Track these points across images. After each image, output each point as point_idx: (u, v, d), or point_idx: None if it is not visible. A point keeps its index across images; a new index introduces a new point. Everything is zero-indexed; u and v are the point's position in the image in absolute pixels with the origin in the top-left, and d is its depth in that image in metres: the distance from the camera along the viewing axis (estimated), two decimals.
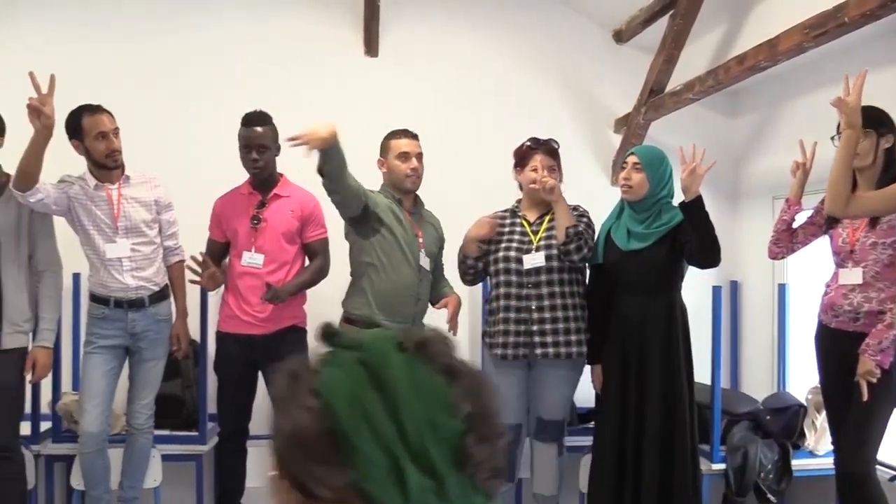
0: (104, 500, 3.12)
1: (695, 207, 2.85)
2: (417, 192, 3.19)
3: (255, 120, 3.11)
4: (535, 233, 3.10)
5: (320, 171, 2.78)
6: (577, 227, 2.98)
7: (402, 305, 3.04)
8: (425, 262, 3.09)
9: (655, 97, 3.76)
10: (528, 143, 3.14)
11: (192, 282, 3.13)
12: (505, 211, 3.23)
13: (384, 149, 3.11)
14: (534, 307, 3.03)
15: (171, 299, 3.19)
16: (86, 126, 2.96)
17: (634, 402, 2.98)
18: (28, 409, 3.17)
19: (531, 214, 3.16)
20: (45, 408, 3.37)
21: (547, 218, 3.11)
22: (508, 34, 4.09)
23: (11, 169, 2.90)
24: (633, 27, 4.02)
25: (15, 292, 2.94)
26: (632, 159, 3.03)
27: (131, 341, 3.07)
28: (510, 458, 3.14)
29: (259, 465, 3.39)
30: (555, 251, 3.02)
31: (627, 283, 3.02)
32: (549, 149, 3.11)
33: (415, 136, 3.11)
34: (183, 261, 3.19)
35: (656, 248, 2.98)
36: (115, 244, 3.01)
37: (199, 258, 3.06)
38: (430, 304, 3.20)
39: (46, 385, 3.32)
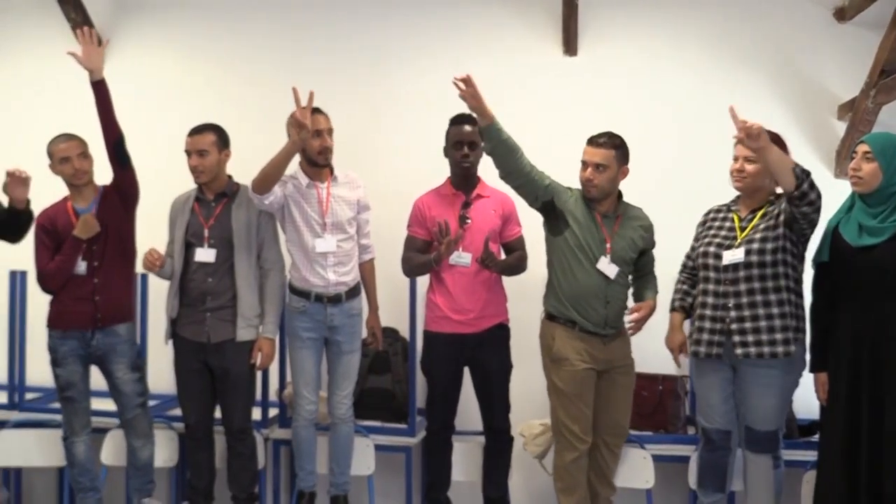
0: (312, 477, 3.34)
1: None
2: (621, 192, 3.13)
3: (466, 119, 3.22)
4: (744, 229, 2.93)
5: (488, 152, 2.91)
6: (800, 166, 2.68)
7: (590, 307, 3.01)
8: (609, 268, 3.01)
9: (887, 78, 3.41)
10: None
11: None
12: (723, 205, 3.09)
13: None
14: (731, 304, 2.87)
15: (362, 294, 3.35)
16: None
17: (868, 416, 2.69)
18: (258, 396, 3.48)
19: (744, 210, 2.99)
20: (272, 396, 3.69)
21: (759, 213, 2.92)
22: (714, 24, 3.88)
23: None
24: (856, 3, 3.66)
25: (247, 290, 3.24)
26: (861, 148, 2.76)
27: (329, 334, 3.25)
28: (720, 466, 3.01)
29: (464, 461, 3.50)
30: (756, 245, 2.83)
31: (858, 284, 2.74)
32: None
33: (600, 144, 3.00)
34: (373, 258, 3.37)
35: (893, 244, 2.69)
36: (322, 239, 3.19)
37: (443, 225, 3.14)
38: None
39: (274, 375, 3.64)
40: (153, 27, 4.23)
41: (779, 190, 2.85)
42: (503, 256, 3.38)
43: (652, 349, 3.29)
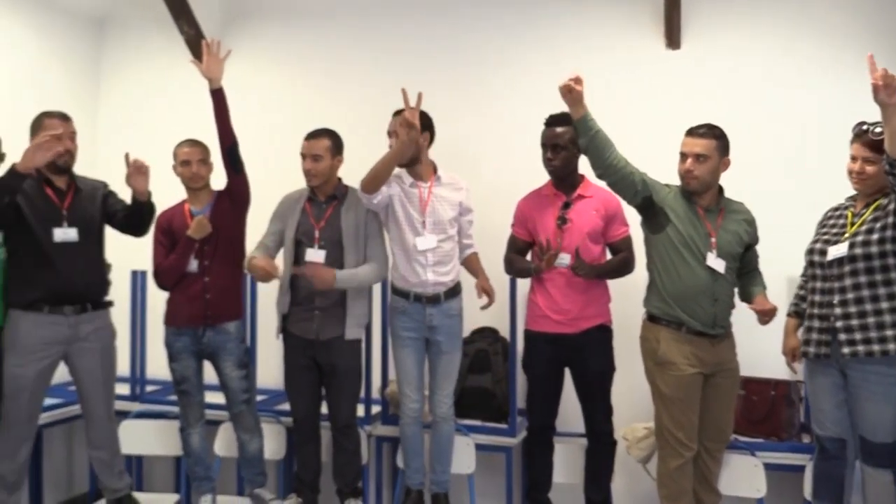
0: (420, 474, 3.38)
1: None
2: (721, 187, 3.03)
3: (551, 121, 3.21)
4: (854, 224, 2.79)
5: (583, 149, 2.90)
6: None
7: (697, 305, 2.92)
8: (716, 262, 2.92)
9: None
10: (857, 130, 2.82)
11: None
12: (842, 203, 2.95)
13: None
14: (836, 301, 2.74)
15: (461, 295, 3.35)
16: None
17: None
18: (362, 393, 3.56)
19: (859, 205, 2.85)
20: (375, 393, 3.76)
21: (872, 206, 2.77)
22: (830, 12, 3.66)
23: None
24: None
25: (355, 291, 3.31)
26: None
27: (429, 334, 3.27)
28: (835, 478, 2.87)
29: (566, 462, 3.47)
30: (860, 238, 2.69)
31: None
32: (865, 140, 2.74)
33: (700, 135, 2.93)
34: (477, 252, 3.39)
35: None
36: (422, 237, 3.22)
37: (544, 242, 3.15)
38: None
39: (377, 373, 3.72)
40: (261, 37, 4.41)
41: None
42: (608, 257, 3.33)
43: (763, 352, 3.17)
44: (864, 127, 2.77)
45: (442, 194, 3.28)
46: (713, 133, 2.94)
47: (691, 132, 2.96)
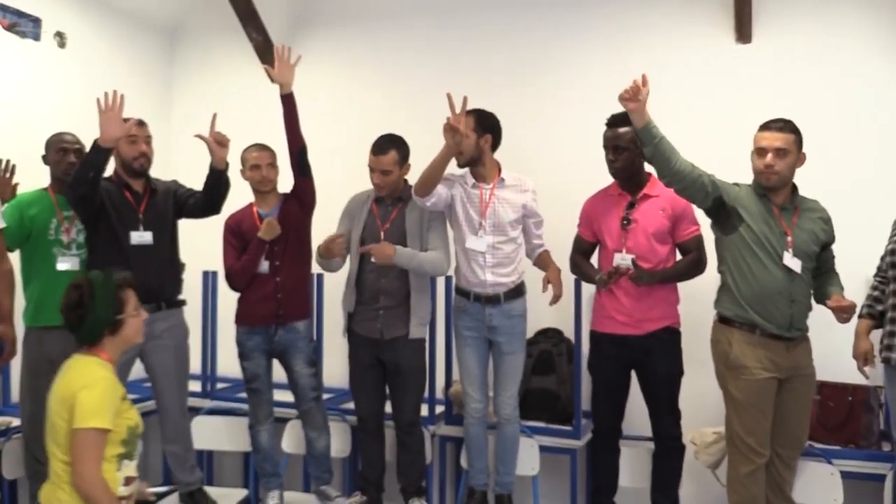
0: (483, 475, 3.37)
1: None
2: (795, 185, 2.93)
3: (611, 122, 3.17)
4: None
5: (648, 158, 2.83)
6: None
7: (773, 307, 2.82)
8: (793, 262, 2.82)
9: None
10: None
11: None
12: None
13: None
14: None
15: (525, 297, 3.31)
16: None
17: None
18: (425, 393, 3.57)
19: None
20: (439, 393, 3.78)
21: None
22: None
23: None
24: None
25: (419, 290, 3.35)
26: None
27: (489, 334, 3.26)
28: None
29: (631, 465, 3.41)
30: None
31: None
32: None
33: (779, 129, 2.85)
34: (548, 251, 3.35)
35: None
36: (476, 238, 3.21)
37: (613, 270, 3.16)
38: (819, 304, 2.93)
39: (441, 372, 3.73)
40: (326, 42, 4.49)
41: None
42: (678, 256, 3.26)
43: (840, 356, 3.05)
44: None
45: (504, 196, 3.26)
46: (790, 127, 2.85)
47: (768, 126, 2.87)
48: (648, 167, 3.19)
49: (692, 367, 3.23)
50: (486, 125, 3.20)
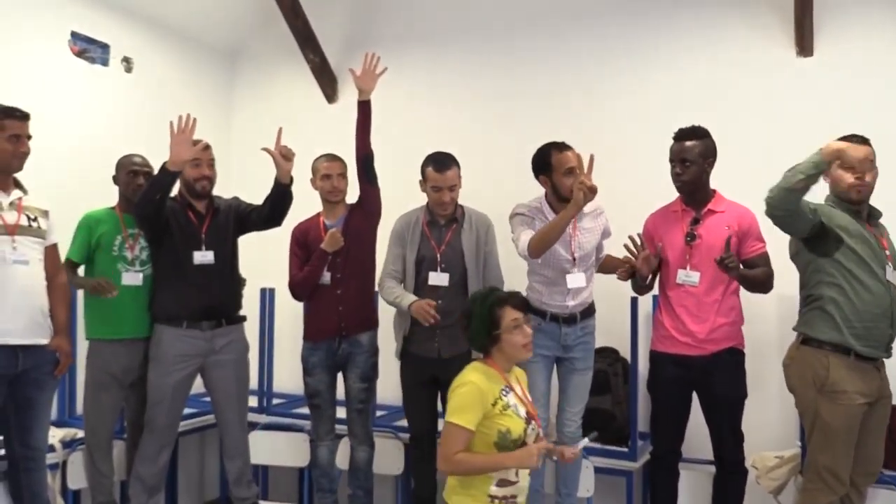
0: (538, 495, 3.29)
1: None
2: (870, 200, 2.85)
3: (684, 135, 3.10)
4: None
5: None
6: None
7: (875, 328, 2.72)
8: (893, 275, 2.74)
9: None
10: None
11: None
12: None
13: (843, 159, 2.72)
14: None
15: (595, 315, 3.28)
16: (554, 163, 3.13)
17: None
18: None
19: None
20: None
21: None
22: None
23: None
24: None
25: None
26: None
27: (563, 353, 3.22)
28: None
29: (690, 489, 3.32)
30: None
31: None
32: None
33: (864, 141, 2.78)
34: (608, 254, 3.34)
35: None
36: (573, 275, 3.14)
37: (636, 239, 3.14)
38: None
39: None
40: (381, 63, 4.54)
41: None
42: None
43: None
44: None
45: (586, 226, 3.22)
46: (867, 140, 2.80)
47: (854, 138, 2.79)
48: (713, 184, 3.15)
49: (753, 389, 3.13)
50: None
